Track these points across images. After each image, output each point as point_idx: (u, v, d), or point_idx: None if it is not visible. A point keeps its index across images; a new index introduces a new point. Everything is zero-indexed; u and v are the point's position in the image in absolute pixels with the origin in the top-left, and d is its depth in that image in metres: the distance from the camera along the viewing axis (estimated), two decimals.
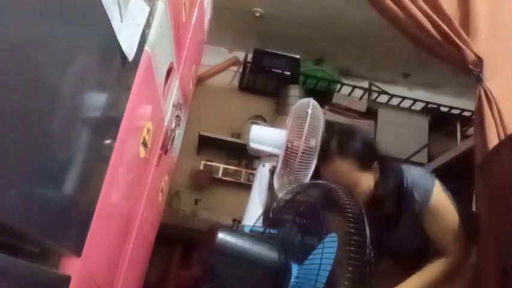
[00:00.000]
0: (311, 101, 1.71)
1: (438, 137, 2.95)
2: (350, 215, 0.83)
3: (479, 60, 1.52)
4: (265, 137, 1.82)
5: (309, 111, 1.66)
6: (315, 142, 1.69)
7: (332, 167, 1.26)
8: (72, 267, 0.74)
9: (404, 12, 1.59)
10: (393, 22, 1.64)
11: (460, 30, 1.54)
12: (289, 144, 1.64)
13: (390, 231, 1.32)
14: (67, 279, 0.73)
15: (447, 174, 1.51)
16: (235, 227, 0.97)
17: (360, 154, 1.25)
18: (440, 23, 1.54)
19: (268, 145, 1.78)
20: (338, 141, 1.28)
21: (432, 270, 1.25)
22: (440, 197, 1.27)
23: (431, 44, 1.58)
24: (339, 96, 3.19)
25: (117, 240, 1.07)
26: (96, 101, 0.72)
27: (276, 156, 1.79)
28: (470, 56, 1.52)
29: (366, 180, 1.25)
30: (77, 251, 0.74)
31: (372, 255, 0.78)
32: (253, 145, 1.83)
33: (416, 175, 1.28)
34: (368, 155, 1.27)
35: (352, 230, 0.82)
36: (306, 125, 1.63)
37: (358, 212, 0.83)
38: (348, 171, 1.23)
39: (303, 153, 1.63)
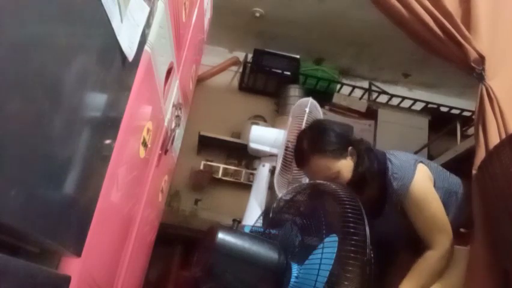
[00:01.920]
0: (309, 101, 1.71)
1: (438, 137, 2.94)
2: (349, 215, 0.83)
3: (481, 58, 1.52)
4: (265, 137, 1.82)
5: (307, 110, 1.67)
6: None
7: (311, 167, 1.26)
8: (72, 267, 0.74)
9: (405, 10, 1.59)
10: (394, 20, 1.63)
11: (462, 27, 1.54)
12: (289, 144, 1.64)
13: (376, 222, 1.31)
14: (67, 279, 0.73)
15: None
16: (235, 227, 0.97)
17: (332, 144, 1.25)
18: (442, 20, 1.54)
19: (268, 145, 1.78)
20: (308, 140, 1.28)
21: (423, 265, 1.22)
22: (419, 188, 1.24)
23: (432, 41, 1.58)
24: (339, 96, 3.19)
25: (117, 240, 1.07)
26: (96, 101, 0.72)
27: (276, 156, 1.79)
28: (472, 54, 1.52)
29: (346, 166, 1.25)
30: (77, 251, 0.74)
31: (372, 255, 0.78)
32: (253, 145, 1.84)
33: (397, 164, 1.26)
34: (341, 142, 1.27)
35: (352, 230, 0.82)
36: (303, 124, 1.63)
37: (358, 212, 0.83)
38: (327, 165, 1.23)
39: None
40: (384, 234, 1.30)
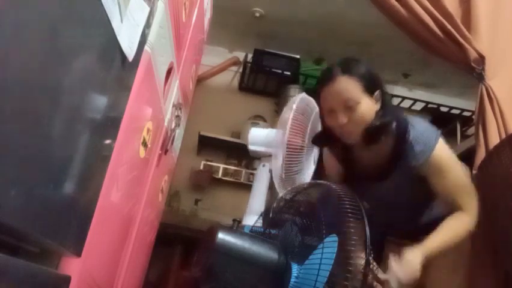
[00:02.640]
0: (299, 97, 1.70)
1: None
2: (350, 215, 0.83)
3: (482, 58, 1.52)
4: (263, 138, 1.82)
5: (294, 106, 1.66)
6: (303, 137, 1.68)
7: (335, 86, 1.18)
8: (72, 267, 0.74)
9: (405, 10, 1.59)
10: (394, 20, 1.64)
11: (462, 27, 1.54)
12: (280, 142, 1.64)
13: (381, 180, 1.28)
14: (67, 279, 0.73)
15: None
16: (235, 227, 0.97)
17: (364, 75, 1.19)
18: (442, 20, 1.54)
19: (266, 146, 1.78)
20: (341, 63, 1.22)
21: (452, 223, 1.17)
22: (444, 153, 1.22)
23: (433, 41, 1.58)
24: None
25: (117, 240, 1.07)
26: (96, 101, 0.72)
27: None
28: (472, 54, 1.52)
29: (368, 104, 1.18)
30: (77, 251, 0.74)
31: (372, 255, 0.78)
32: (252, 147, 1.84)
33: (420, 129, 1.23)
34: (372, 80, 1.21)
35: (352, 230, 0.82)
36: (290, 120, 1.62)
37: (358, 212, 0.83)
38: (352, 89, 1.17)
39: (289, 148, 1.63)
40: (381, 201, 1.28)
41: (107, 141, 0.81)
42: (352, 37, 2.89)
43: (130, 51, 0.80)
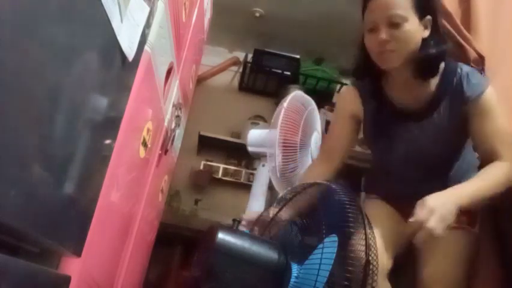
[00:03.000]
0: (290, 95, 1.70)
1: None
2: (349, 214, 0.83)
3: (481, 58, 1.52)
4: (260, 139, 1.83)
5: (285, 105, 1.66)
6: (297, 135, 1.68)
7: None
8: (72, 267, 0.74)
9: None
10: None
11: (462, 28, 1.54)
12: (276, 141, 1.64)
13: (420, 119, 1.17)
14: (67, 279, 0.73)
15: None
16: (235, 227, 0.97)
17: None
18: (442, 20, 1.54)
19: (264, 146, 1.78)
20: None
21: (494, 171, 1.08)
22: (494, 96, 1.13)
23: None
24: None
25: (117, 240, 1.07)
26: (96, 101, 0.72)
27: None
28: (472, 54, 1.52)
29: (416, 26, 1.07)
30: (77, 251, 0.74)
31: (370, 255, 0.78)
32: (251, 149, 1.86)
33: (471, 71, 1.15)
34: (427, 1, 1.10)
35: (352, 230, 0.82)
36: (280, 119, 1.63)
37: (358, 211, 0.83)
38: (403, 4, 1.06)
39: (283, 146, 1.64)
40: (415, 144, 1.19)
41: (107, 141, 0.81)
42: (352, 37, 2.89)
43: (130, 51, 0.80)
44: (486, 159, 1.14)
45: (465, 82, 1.13)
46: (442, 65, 1.16)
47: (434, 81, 1.16)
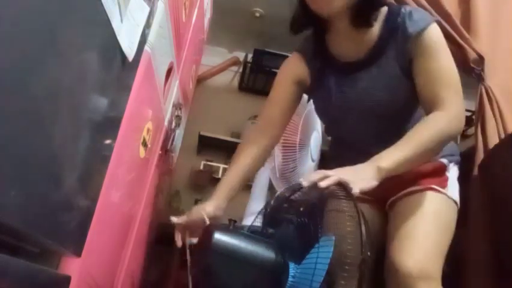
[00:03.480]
0: None
1: None
2: (346, 214, 0.83)
3: (481, 59, 1.52)
4: None
5: None
6: (296, 135, 1.68)
7: None
8: (72, 267, 0.74)
9: None
10: None
11: (461, 28, 1.55)
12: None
13: (363, 68, 1.11)
14: (67, 279, 0.73)
15: None
16: (231, 226, 0.97)
17: None
18: (441, 21, 1.55)
19: None
20: None
21: (424, 127, 0.98)
22: (436, 33, 1.04)
23: None
24: None
25: (117, 240, 1.07)
26: (96, 101, 0.72)
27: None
28: (472, 55, 1.52)
29: None
30: (77, 251, 0.74)
31: (369, 254, 0.78)
32: None
33: (413, 10, 1.08)
34: None
35: (348, 229, 0.82)
36: None
37: (355, 211, 0.83)
38: None
39: (282, 146, 1.64)
40: (363, 94, 1.11)
41: (107, 141, 0.81)
42: None
43: (130, 51, 0.80)
44: (428, 108, 1.03)
45: (407, 19, 1.05)
46: (385, 8, 1.09)
47: (378, 26, 1.09)
